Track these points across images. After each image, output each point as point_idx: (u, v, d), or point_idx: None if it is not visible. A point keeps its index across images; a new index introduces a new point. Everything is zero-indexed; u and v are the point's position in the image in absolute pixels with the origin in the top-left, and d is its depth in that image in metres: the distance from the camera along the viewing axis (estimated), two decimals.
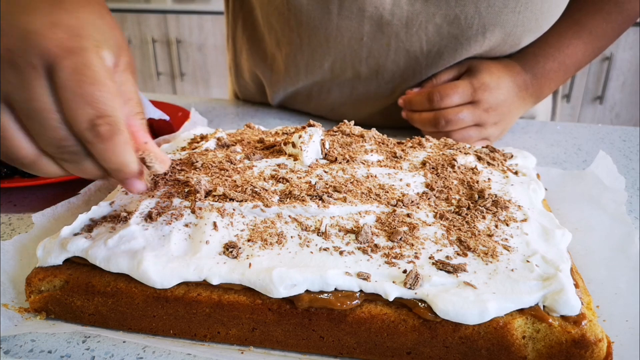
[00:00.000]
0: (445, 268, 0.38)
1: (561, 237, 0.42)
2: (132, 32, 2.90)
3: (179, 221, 0.44)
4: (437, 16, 0.72)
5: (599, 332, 0.35)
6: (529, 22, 0.72)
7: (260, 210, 0.45)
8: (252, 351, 0.40)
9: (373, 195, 0.48)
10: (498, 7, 0.69)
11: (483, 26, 0.71)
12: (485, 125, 0.75)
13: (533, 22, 0.72)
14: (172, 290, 0.39)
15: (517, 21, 0.71)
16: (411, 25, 0.73)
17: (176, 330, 0.40)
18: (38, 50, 0.34)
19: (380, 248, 0.41)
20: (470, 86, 0.73)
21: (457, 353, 0.37)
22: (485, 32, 0.72)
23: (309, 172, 0.52)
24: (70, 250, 0.41)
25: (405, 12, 0.72)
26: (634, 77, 2.39)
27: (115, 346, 0.39)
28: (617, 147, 0.81)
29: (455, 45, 0.74)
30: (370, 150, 0.58)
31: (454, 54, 0.75)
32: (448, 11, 0.71)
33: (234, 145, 0.61)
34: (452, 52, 0.75)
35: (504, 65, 0.77)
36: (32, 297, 0.41)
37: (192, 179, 0.50)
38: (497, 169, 0.55)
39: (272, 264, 0.39)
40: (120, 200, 0.49)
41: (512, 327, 0.35)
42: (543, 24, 0.74)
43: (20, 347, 0.38)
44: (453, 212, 0.46)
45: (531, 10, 0.71)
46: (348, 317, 0.37)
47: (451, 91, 0.72)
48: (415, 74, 0.79)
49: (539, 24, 0.73)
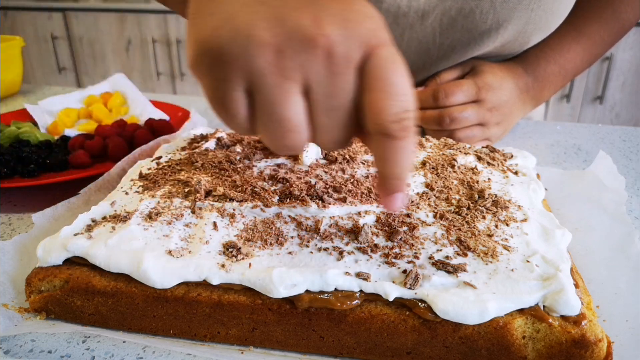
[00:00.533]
0: (445, 268, 0.38)
1: (561, 237, 0.42)
2: (132, 32, 2.90)
3: (179, 221, 0.44)
4: (453, 9, 0.72)
5: (599, 332, 0.35)
6: (539, 20, 0.73)
7: (260, 210, 0.45)
8: (252, 351, 0.40)
9: (373, 195, 0.48)
10: (513, 3, 0.70)
11: (497, 21, 0.72)
12: (488, 124, 0.75)
13: (543, 21, 0.73)
14: (172, 290, 0.39)
15: (530, 18, 0.72)
16: (426, 17, 0.74)
17: (176, 330, 0.40)
18: (358, 39, 0.32)
19: (380, 248, 0.41)
20: (475, 85, 0.73)
21: (457, 353, 0.37)
22: (498, 27, 0.72)
23: (308, 172, 0.52)
24: (70, 250, 0.41)
25: (422, 4, 0.73)
26: (634, 77, 2.39)
27: (115, 346, 0.39)
28: (617, 147, 0.81)
29: (468, 39, 0.75)
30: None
31: (466, 48, 0.76)
32: (464, 5, 0.71)
33: (234, 145, 0.61)
34: (464, 46, 0.75)
35: (507, 67, 0.78)
36: (32, 297, 0.41)
37: (192, 179, 0.50)
38: (497, 169, 0.55)
39: (272, 264, 0.39)
40: (120, 200, 0.49)
41: (512, 327, 0.35)
42: (551, 23, 0.75)
43: (20, 347, 0.38)
44: (453, 212, 0.46)
45: (543, 8, 0.71)
46: (348, 317, 0.37)
47: (456, 89, 0.72)
48: (425, 67, 0.79)
49: (548, 22, 0.74)
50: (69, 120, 0.85)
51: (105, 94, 0.95)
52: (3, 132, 0.74)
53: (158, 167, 0.55)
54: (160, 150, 0.63)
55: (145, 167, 0.56)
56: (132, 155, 0.65)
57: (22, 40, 1.12)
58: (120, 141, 0.72)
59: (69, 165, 0.68)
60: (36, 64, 3.16)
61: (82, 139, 0.72)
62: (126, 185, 0.52)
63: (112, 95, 0.93)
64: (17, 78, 1.12)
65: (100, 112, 0.87)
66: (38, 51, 3.12)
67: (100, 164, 0.69)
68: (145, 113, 0.88)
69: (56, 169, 0.67)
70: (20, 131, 0.74)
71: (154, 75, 3.03)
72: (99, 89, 0.96)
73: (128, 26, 2.93)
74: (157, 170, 0.55)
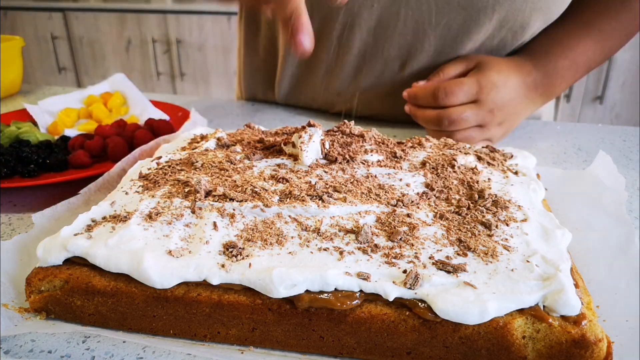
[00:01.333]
0: (445, 268, 0.38)
1: (561, 237, 0.42)
2: (132, 32, 2.90)
3: (179, 221, 0.44)
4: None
5: (599, 332, 0.35)
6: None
7: (260, 210, 0.45)
8: (252, 351, 0.40)
9: (373, 195, 0.48)
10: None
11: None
12: (489, 126, 0.74)
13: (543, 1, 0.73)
14: (172, 290, 0.39)
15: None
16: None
17: (176, 330, 0.40)
18: None
19: (380, 248, 0.41)
20: (477, 84, 0.72)
21: (457, 353, 0.37)
22: (495, 4, 0.72)
23: (309, 172, 0.52)
24: (70, 250, 0.41)
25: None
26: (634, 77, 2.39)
27: (115, 346, 0.39)
28: (617, 147, 0.81)
29: (464, 18, 0.74)
30: (370, 150, 0.58)
31: (463, 29, 0.75)
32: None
33: (234, 145, 0.61)
34: (460, 26, 0.75)
35: (515, 64, 0.76)
36: (32, 297, 0.41)
37: (192, 179, 0.50)
38: (497, 169, 0.55)
39: (272, 264, 0.39)
40: (120, 200, 0.49)
41: (512, 327, 0.35)
42: (551, 5, 0.75)
43: (20, 347, 0.38)
44: (453, 212, 0.46)
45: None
46: (348, 317, 0.37)
47: (456, 88, 0.71)
48: (424, 49, 0.79)
49: (547, 4, 0.74)
50: (69, 120, 0.85)
51: (105, 94, 0.95)
52: (3, 132, 0.74)
53: (158, 167, 0.55)
54: (160, 150, 0.63)
55: (145, 167, 0.56)
56: (132, 155, 0.65)
57: (22, 40, 1.12)
58: (120, 141, 0.72)
59: (69, 165, 0.68)
60: (36, 64, 3.16)
61: (82, 139, 0.72)
62: (126, 185, 0.52)
63: (112, 95, 0.93)
64: (17, 78, 1.12)
65: (101, 112, 0.87)
66: (38, 51, 3.12)
67: (100, 164, 0.69)
68: (145, 113, 0.88)
69: (56, 169, 0.67)
70: (20, 131, 0.74)
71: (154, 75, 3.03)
72: (99, 89, 0.96)
73: (128, 26, 2.93)
74: (157, 170, 0.55)
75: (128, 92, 0.95)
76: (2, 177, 0.64)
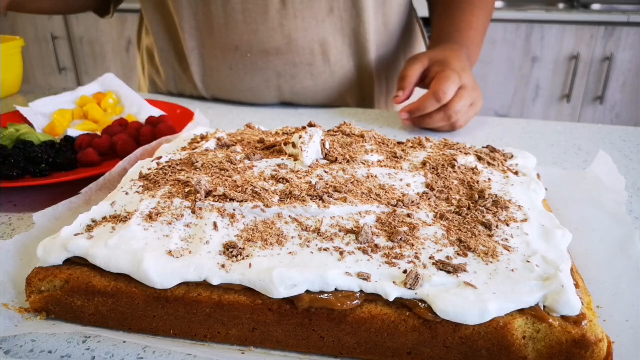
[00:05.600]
0: (446, 268, 0.38)
1: (561, 237, 0.42)
2: (132, 32, 2.90)
3: (179, 221, 0.44)
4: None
5: (599, 332, 0.35)
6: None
7: (261, 210, 0.45)
8: (252, 351, 0.40)
9: (373, 195, 0.48)
10: None
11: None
12: (476, 100, 0.85)
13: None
14: (172, 290, 0.39)
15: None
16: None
17: (176, 330, 0.40)
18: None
19: (381, 248, 0.41)
20: (455, 73, 0.82)
21: (457, 353, 0.37)
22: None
23: (309, 172, 0.52)
24: (71, 250, 0.41)
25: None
26: (634, 77, 2.39)
27: (115, 346, 0.39)
28: (617, 147, 0.81)
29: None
30: (370, 150, 0.58)
31: None
32: None
33: (234, 145, 0.61)
34: None
35: (451, 49, 0.90)
36: (32, 297, 0.41)
37: (192, 179, 0.50)
38: (497, 169, 0.55)
39: (272, 264, 0.39)
40: (121, 200, 0.49)
41: (512, 327, 0.35)
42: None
43: (20, 347, 0.38)
44: (453, 212, 0.46)
45: None
46: (348, 317, 0.37)
47: (448, 82, 0.80)
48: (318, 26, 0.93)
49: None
50: (64, 121, 0.85)
51: (98, 94, 0.94)
52: (2, 134, 0.74)
53: (158, 167, 0.55)
54: (160, 150, 0.63)
55: (146, 167, 0.56)
56: (134, 155, 0.65)
57: (22, 40, 1.12)
58: (128, 139, 0.72)
59: (78, 164, 0.68)
60: (36, 64, 3.16)
61: (89, 137, 0.73)
62: (126, 185, 0.52)
63: (105, 95, 0.93)
64: (17, 78, 1.12)
65: (96, 112, 0.87)
66: (38, 51, 3.12)
67: (109, 162, 0.70)
68: (143, 111, 0.88)
69: (66, 167, 0.67)
70: (20, 133, 0.74)
71: None
72: (90, 89, 0.95)
73: (128, 26, 2.93)
74: (157, 170, 0.55)
75: (121, 91, 0.94)
76: (14, 178, 0.64)
